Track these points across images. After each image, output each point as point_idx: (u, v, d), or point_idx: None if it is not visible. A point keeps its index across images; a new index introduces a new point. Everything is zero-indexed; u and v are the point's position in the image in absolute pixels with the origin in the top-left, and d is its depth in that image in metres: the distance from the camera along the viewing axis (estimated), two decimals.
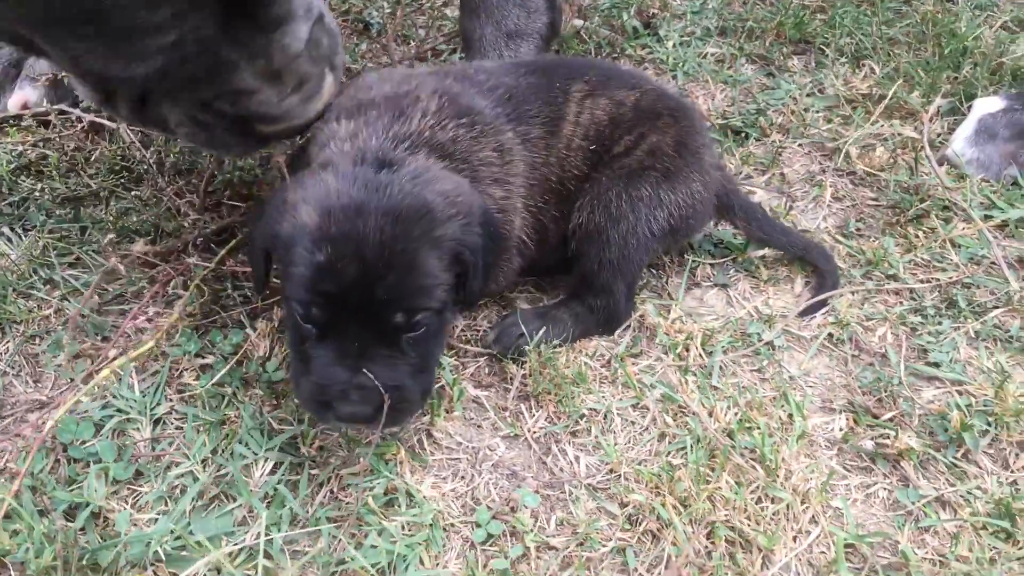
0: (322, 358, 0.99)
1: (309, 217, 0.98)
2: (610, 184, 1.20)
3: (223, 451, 1.07)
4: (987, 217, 1.44)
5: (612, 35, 1.97)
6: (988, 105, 1.61)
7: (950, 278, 1.34)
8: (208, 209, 1.37)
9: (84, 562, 0.92)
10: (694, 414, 1.13)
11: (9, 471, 1.02)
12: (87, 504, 0.98)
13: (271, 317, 1.23)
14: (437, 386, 1.14)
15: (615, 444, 1.11)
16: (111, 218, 1.35)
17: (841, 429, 1.14)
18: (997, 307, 1.29)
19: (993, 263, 1.36)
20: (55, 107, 1.55)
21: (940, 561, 1.00)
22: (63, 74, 1.55)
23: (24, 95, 1.56)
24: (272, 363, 1.17)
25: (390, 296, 0.96)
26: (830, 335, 1.27)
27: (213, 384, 1.14)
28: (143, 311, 1.22)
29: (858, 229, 1.45)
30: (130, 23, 0.92)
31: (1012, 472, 1.10)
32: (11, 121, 1.54)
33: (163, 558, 0.94)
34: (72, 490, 1.01)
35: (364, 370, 0.97)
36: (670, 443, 1.11)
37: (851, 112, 1.68)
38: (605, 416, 1.14)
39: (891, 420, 1.15)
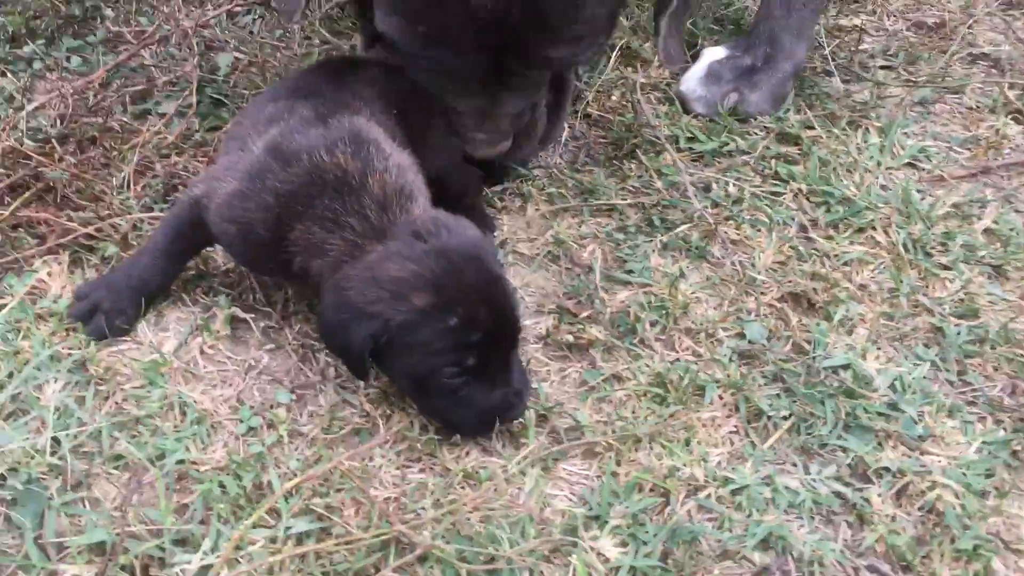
0: (481, 389, 1.19)
1: (420, 298, 1.14)
2: None
3: (17, 375, 1.25)
4: (689, 149, 1.74)
5: None
6: (715, 53, 1.90)
7: (653, 202, 1.62)
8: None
9: None
10: None
11: None
12: None
13: (62, 260, 1.40)
14: (208, 314, 1.36)
15: None
16: None
17: (547, 328, 1.41)
18: (684, 224, 1.59)
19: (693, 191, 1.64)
20: None
21: (607, 422, 1.28)
22: None
23: None
24: (63, 301, 1.35)
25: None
26: (550, 252, 1.54)
27: (9, 321, 1.31)
28: None
29: (584, 163, 1.72)
30: None
31: (676, 353, 1.39)
32: None
33: None
34: None
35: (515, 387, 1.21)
36: None
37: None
38: None
39: (587, 318, 1.42)
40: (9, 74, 1.73)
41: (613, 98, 1.86)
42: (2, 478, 1.13)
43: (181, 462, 1.18)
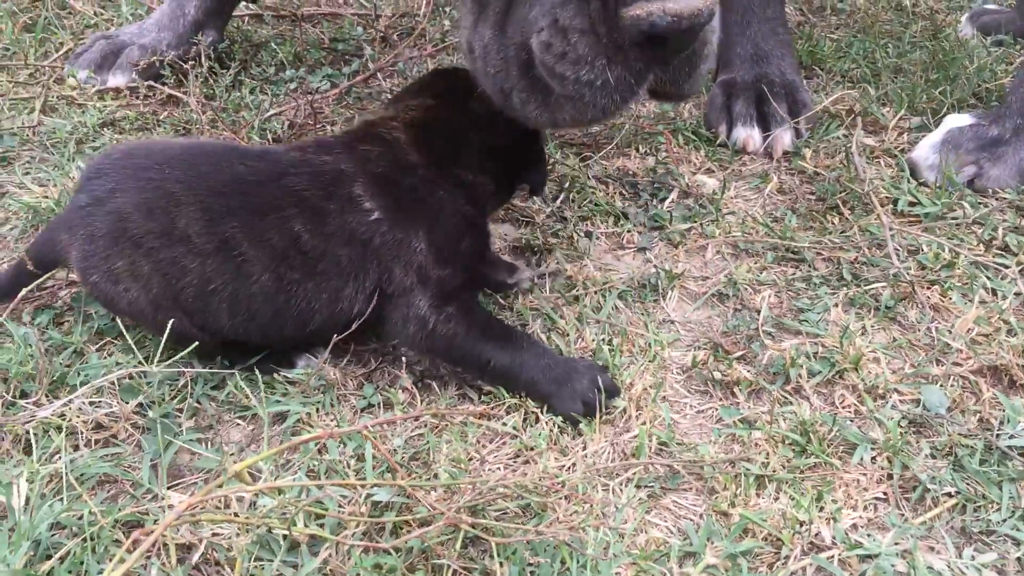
0: None
1: None
2: None
3: None
4: (908, 213, 1.57)
5: None
6: (957, 120, 1.73)
7: (849, 258, 1.48)
8: None
9: (54, 378, 1.23)
10: (565, 335, 1.33)
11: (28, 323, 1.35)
12: (71, 344, 1.29)
13: None
14: None
15: None
16: None
17: (694, 360, 1.31)
18: (878, 282, 1.42)
19: (895, 249, 1.48)
20: (146, 83, 1.94)
21: (733, 462, 1.15)
22: (154, 59, 1.94)
23: (120, 80, 1.95)
24: None
25: None
26: (720, 292, 1.44)
27: None
28: None
29: (783, 215, 1.60)
30: None
31: (834, 408, 1.23)
32: (109, 91, 1.94)
33: (115, 384, 1.24)
34: (66, 336, 1.32)
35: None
36: None
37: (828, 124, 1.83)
38: None
39: (740, 358, 1.31)
40: (268, 92, 1.95)
41: (834, 158, 1.74)
42: (142, 407, 1.23)
43: (298, 421, 1.22)
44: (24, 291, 1.30)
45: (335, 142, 1.31)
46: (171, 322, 1.18)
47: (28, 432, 1.15)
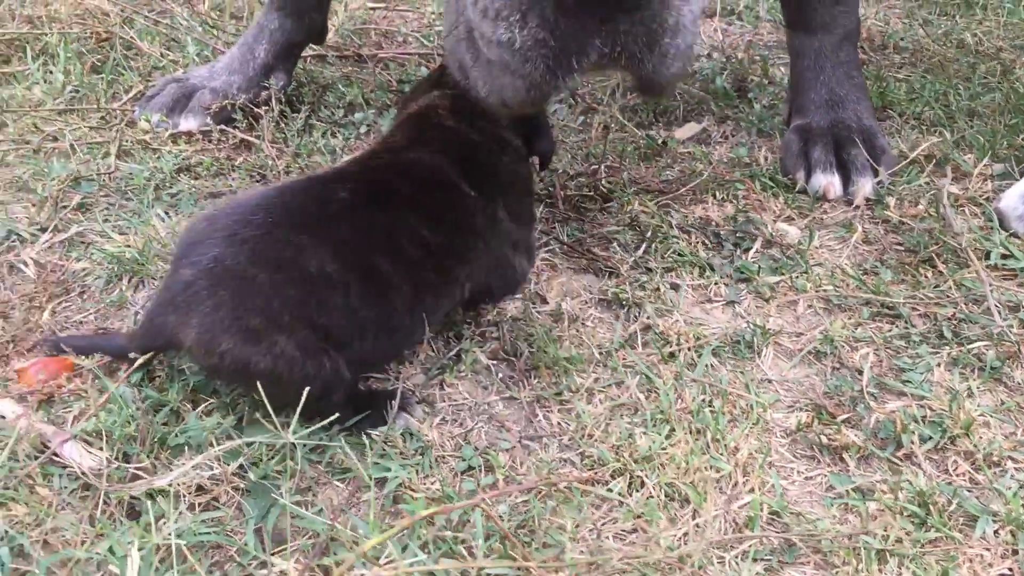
0: None
1: None
2: None
3: None
4: (1002, 266, 1.54)
5: (702, 95, 2.19)
6: None
7: (947, 314, 1.45)
8: None
9: (156, 439, 1.22)
10: (665, 394, 1.31)
11: (116, 375, 1.34)
12: (169, 403, 1.28)
13: None
14: (454, 351, 1.39)
15: (592, 412, 1.30)
16: None
17: (798, 423, 1.28)
18: (980, 341, 1.39)
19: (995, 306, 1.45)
20: (218, 127, 1.94)
21: (850, 535, 1.12)
22: (226, 102, 1.94)
23: (192, 123, 1.95)
24: None
25: None
26: (816, 349, 1.41)
27: None
28: None
29: (874, 268, 1.58)
30: None
31: (949, 476, 1.20)
32: (182, 135, 1.94)
33: (215, 445, 1.22)
34: (162, 394, 1.30)
35: None
36: (638, 415, 1.29)
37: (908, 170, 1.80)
38: (589, 391, 1.34)
39: (846, 421, 1.28)
40: (339, 135, 1.94)
41: (918, 206, 1.71)
42: (243, 469, 1.21)
43: (399, 485, 1.20)
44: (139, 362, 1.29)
45: (404, 139, 1.36)
46: (318, 369, 1.18)
47: (135, 497, 1.14)
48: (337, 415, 1.22)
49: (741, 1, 2.76)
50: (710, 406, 1.30)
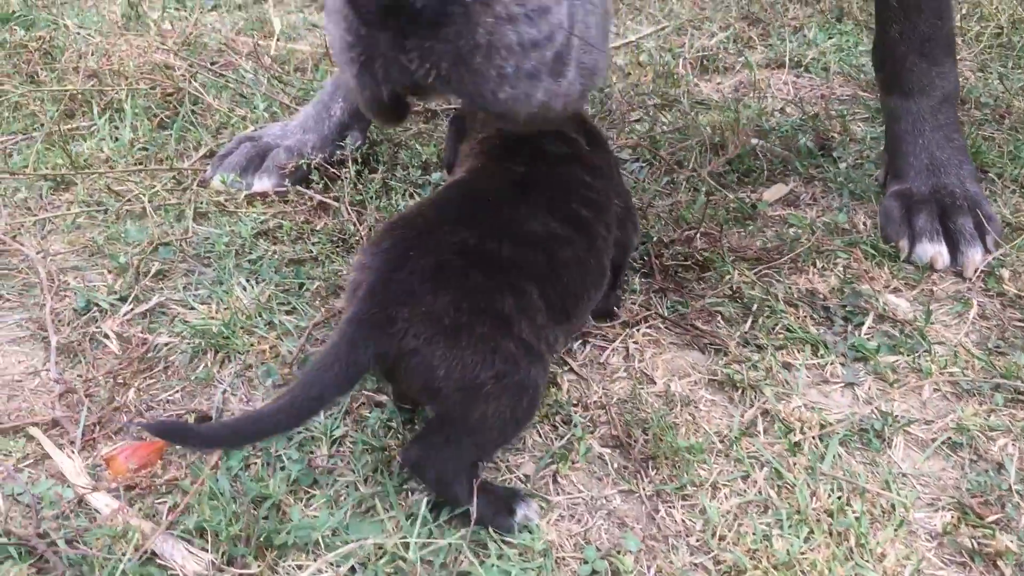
0: None
1: None
2: None
3: (383, 471, 1.27)
4: None
5: (785, 153, 2.12)
6: None
7: None
8: None
9: (261, 538, 1.14)
10: (800, 491, 1.22)
11: (217, 466, 1.27)
12: (271, 496, 1.21)
13: None
14: (565, 439, 1.31)
15: (719, 509, 1.22)
16: (324, 277, 1.63)
17: (944, 525, 1.19)
18: None
19: None
20: (294, 187, 1.89)
21: None
22: (301, 162, 1.89)
23: (267, 184, 1.89)
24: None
25: None
26: (950, 439, 1.33)
27: (382, 417, 1.35)
28: None
29: (997, 347, 1.49)
30: None
31: None
32: (257, 196, 1.88)
33: (322, 545, 1.15)
34: (262, 485, 1.23)
35: None
36: (771, 514, 1.20)
37: (1014, 239, 1.72)
38: (713, 485, 1.25)
39: (995, 523, 1.19)
40: (417, 196, 1.88)
41: None
42: (353, 571, 1.14)
43: None
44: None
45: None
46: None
47: None
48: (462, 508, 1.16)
49: (808, 53, 2.70)
50: (848, 504, 1.21)
